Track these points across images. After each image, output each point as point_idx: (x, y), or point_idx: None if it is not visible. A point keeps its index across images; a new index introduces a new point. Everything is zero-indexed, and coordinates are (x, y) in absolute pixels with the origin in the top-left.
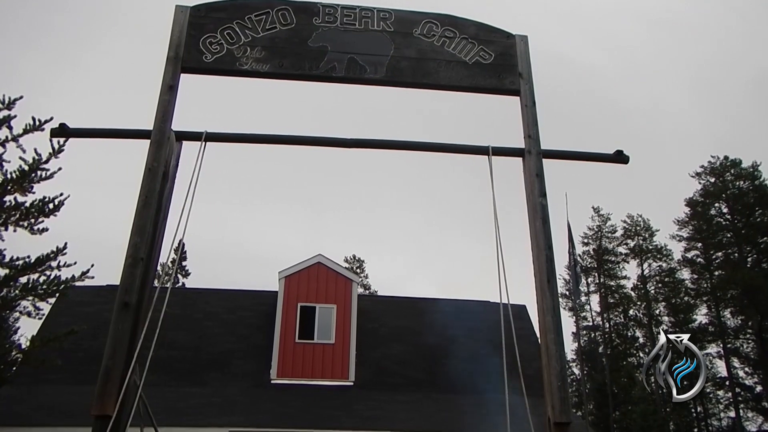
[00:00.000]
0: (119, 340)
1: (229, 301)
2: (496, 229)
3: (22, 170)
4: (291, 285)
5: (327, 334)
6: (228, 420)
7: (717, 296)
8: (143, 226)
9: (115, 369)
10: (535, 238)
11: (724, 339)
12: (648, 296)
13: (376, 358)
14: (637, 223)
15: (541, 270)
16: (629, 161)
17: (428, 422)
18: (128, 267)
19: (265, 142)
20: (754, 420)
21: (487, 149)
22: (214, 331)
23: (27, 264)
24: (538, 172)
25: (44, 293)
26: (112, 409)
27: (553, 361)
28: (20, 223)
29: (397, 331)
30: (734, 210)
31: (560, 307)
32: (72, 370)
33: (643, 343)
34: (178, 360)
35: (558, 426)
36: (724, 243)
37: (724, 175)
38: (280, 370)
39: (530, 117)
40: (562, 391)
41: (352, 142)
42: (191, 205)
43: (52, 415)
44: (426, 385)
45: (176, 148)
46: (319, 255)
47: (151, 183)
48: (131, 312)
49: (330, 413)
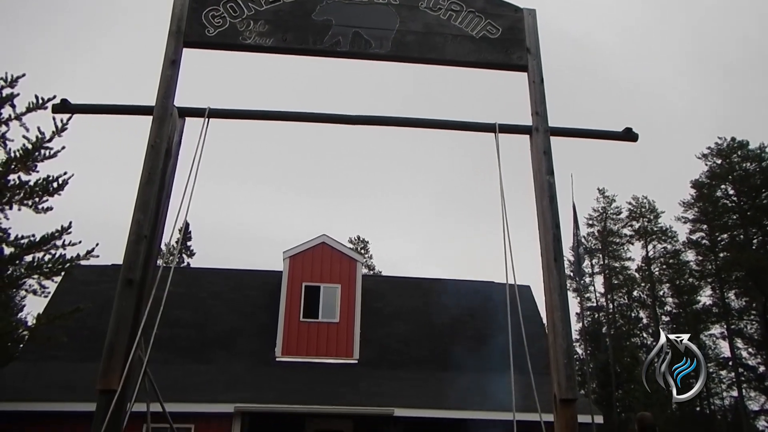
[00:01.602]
0: (123, 316)
1: (233, 281)
2: (502, 207)
3: (25, 149)
4: (295, 265)
5: (331, 313)
6: (233, 396)
7: (722, 278)
8: (146, 203)
9: (119, 345)
10: (542, 217)
11: (728, 320)
12: (652, 277)
13: (381, 336)
14: (643, 205)
15: (548, 249)
16: (638, 139)
17: (432, 400)
18: (131, 244)
19: (269, 118)
20: (756, 399)
21: (493, 126)
22: (219, 309)
23: (32, 243)
24: (546, 149)
25: (49, 272)
26: (117, 384)
27: (559, 338)
28: (25, 202)
29: (401, 310)
30: (740, 192)
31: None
32: (77, 347)
33: (647, 324)
34: (183, 338)
35: (564, 402)
36: (729, 225)
37: (730, 157)
38: (285, 348)
39: (538, 94)
40: (569, 369)
41: (356, 118)
42: (195, 183)
43: (58, 391)
44: (430, 364)
45: (179, 125)
46: (323, 235)
47: (153, 160)
48: (135, 289)
49: (334, 390)
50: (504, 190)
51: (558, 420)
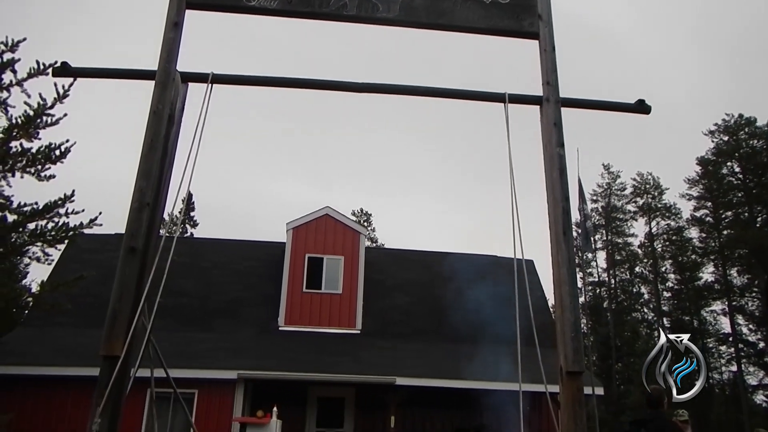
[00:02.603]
0: (126, 284)
1: (236, 252)
2: (511, 180)
3: (27, 115)
4: (299, 236)
5: (334, 285)
6: (236, 363)
7: (724, 255)
8: (149, 171)
9: (122, 312)
10: (552, 190)
11: (730, 297)
12: (654, 254)
13: (383, 308)
14: (647, 181)
15: (556, 222)
16: (651, 111)
17: (433, 369)
18: (134, 212)
19: (273, 84)
20: (755, 374)
21: (503, 96)
22: (222, 279)
23: (35, 210)
24: (556, 120)
25: (53, 239)
26: (120, 350)
27: (567, 312)
28: (27, 169)
29: (404, 282)
30: (746, 169)
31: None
32: (82, 314)
33: (648, 299)
34: (186, 306)
35: (570, 375)
36: (734, 203)
37: (737, 134)
38: (288, 318)
39: (549, 63)
40: (576, 342)
41: (362, 86)
42: (198, 150)
43: (63, 356)
44: (432, 335)
45: (182, 90)
46: (326, 207)
47: (156, 126)
48: (138, 257)
49: (336, 359)
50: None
51: (564, 392)
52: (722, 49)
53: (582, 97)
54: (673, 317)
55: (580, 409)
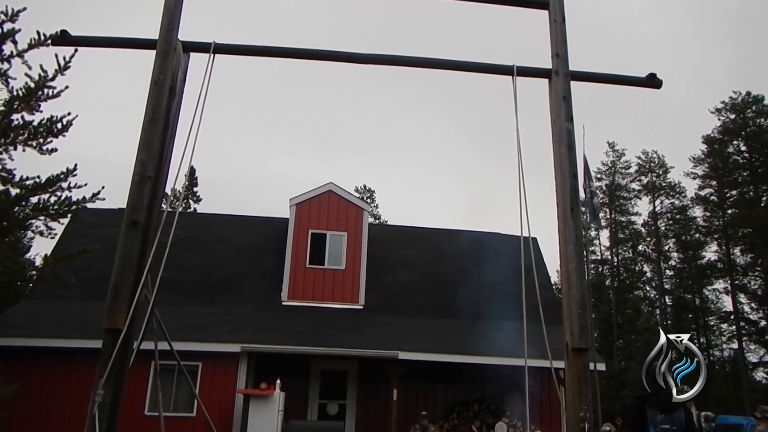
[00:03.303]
0: (128, 257)
1: (240, 227)
2: (518, 155)
3: (28, 87)
4: (302, 212)
5: (337, 261)
6: (240, 336)
7: (728, 234)
8: (150, 143)
9: (124, 285)
10: (560, 166)
11: (732, 275)
12: (658, 233)
13: (386, 284)
14: (652, 160)
15: (564, 199)
16: (662, 86)
17: (436, 344)
18: (135, 185)
19: (276, 55)
20: (756, 352)
21: (511, 69)
22: (226, 254)
23: (37, 184)
24: (566, 94)
25: (55, 213)
26: (122, 323)
27: (573, 289)
28: (29, 142)
29: (407, 259)
30: (752, 148)
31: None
32: (86, 287)
33: (650, 278)
34: (190, 281)
35: (576, 351)
36: (739, 182)
37: (744, 112)
38: (291, 293)
39: (559, 34)
40: (582, 319)
41: (367, 57)
42: (200, 122)
43: (68, 328)
44: (435, 311)
45: (183, 61)
46: (330, 183)
47: (157, 97)
48: (139, 230)
49: (339, 333)
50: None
51: (570, 368)
52: (731, 25)
53: (591, 71)
54: (674, 295)
55: (585, 386)
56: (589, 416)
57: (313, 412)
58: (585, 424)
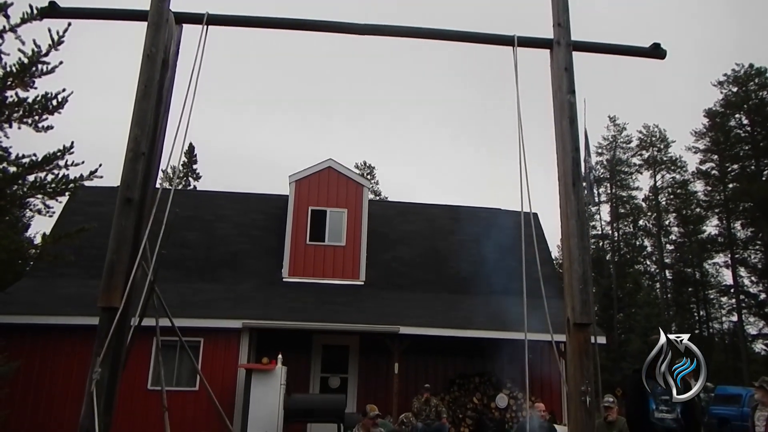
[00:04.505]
0: (123, 235)
1: (240, 204)
2: (519, 127)
3: (21, 63)
4: (302, 189)
5: (338, 237)
6: (241, 313)
7: (729, 208)
8: (143, 118)
9: (120, 263)
10: (561, 140)
11: (733, 249)
12: (659, 207)
13: (387, 260)
14: (653, 134)
15: (566, 173)
16: (666, 56)
17: (436, 319)
18: (129, 162)
19: (271, 26)
20: (755, 324)
21: (512, 39)
22: (226, 232)
23: (34, 162)
24: (567, 65)
25: (53, 192)
26: (119, 302)
27: (575, 264)
28: (24, 120)
29: (407, 235)
30: (754, 122)
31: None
32: (86, 265)
33: (651, 252)
34: (191, 258)
35: (577, 326)
36: (741, 155)
37: (747, 85)
38: (292, 270)
39: (560, 2)
40: (584, 294)
41: (364, 28)
42: (194, 96)
43: (69, 305)
44: (436, 286)
45: (176, 33)
46: (329, 160)
47: (150, 71)
48: (134, 208)
49: (340, 309)
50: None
51: (571, 343)
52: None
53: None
54: (675, 269)
55: (587, 360)
56: (590, 390)
57: (315, 385)
58: (586, 398)
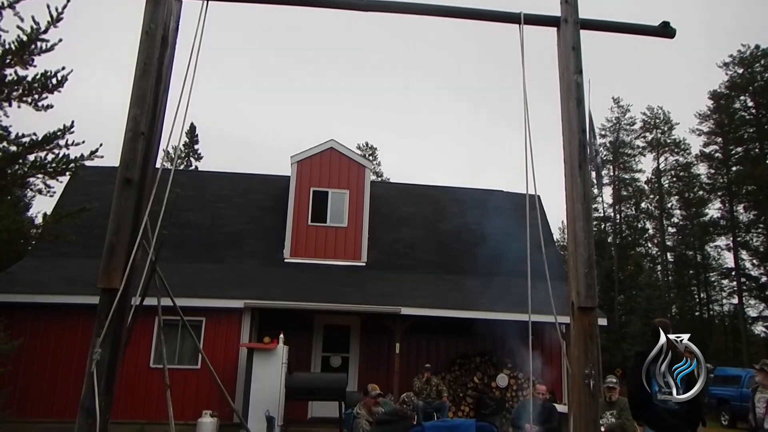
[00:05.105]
0: (122, 216)
1: (241, 185)
2: (524, 107)
3: (20, 41)
4: (303, 170)
5: (339, 218)
6: (243, 293)
7: (732, 191)
8: (142, 97)
9: (120, 244)
10: (568, 121)
11: (735, 232)
12: (661, 190)
13: (389, 241)
14: (657, 116)
15: (572, 155)
16: (675, 35)
17: (438, 300)
18: (128, 141)
19: (272, 1)
20: (755, 307)
21: (518, 16)
22: (228, 212)
23: (34, 141)
24: (575, 44)
25: (54, 171)
26: (119, 283)
27: (581, 248)
28: (24, 98)
29: (409, 216)
30: (759, 104)
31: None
32: (88, 245)
33: (653, 234)
34: (192, 239)
35: (582, 310)
36: (745, 138)
37: (753, 66)
38: (293, 250)
39: None
40: (589, 278)
41: (369, 4)
42: (194, 75)
43: (71, 285)
44: (437, 268)
45: (175, 8)
46: (331, 140)
47: (149, 48)
48: (134, 189)
49: (342, 289)
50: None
51: (575, 326)
52: None
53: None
54: (676, 252)
55: (591, 343)
56: (594, 373)
57: (317, 365)
58: (590, 381)
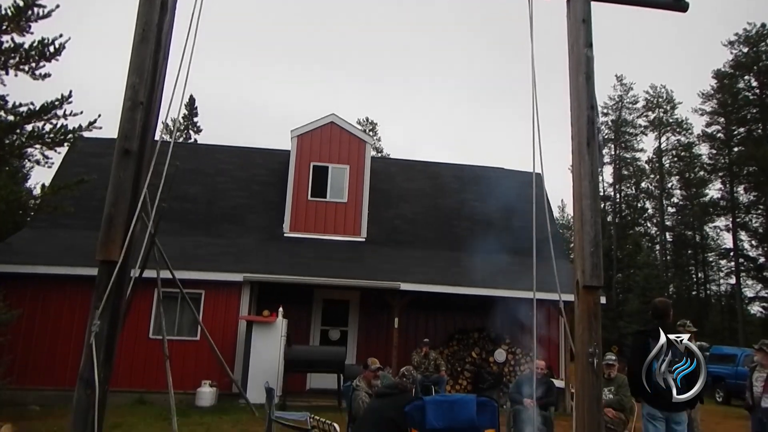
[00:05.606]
0: (121, 188)
1: (241, 158)
2: (533, 83)
3: (17, 6)
4: (303, 144)
5: (340, 194)
6: (242, 267)
7: (733, 172)
8: (141, 65)
9: (118, 216)
10: (576, 97)
11: (734, 213)
12: (662, 169)
13: (389, 217)
14: (660, 95)
15: (580, 132)
16: (688, 9)
17: (437, 275)
18: (127, 111)
19: None
20: (752, 287)
21: None
22: (227, 186)
23: (32, 111)
24: (585, 17)
25: (51, 142)
26: (117, 255)
27: (587, 226)
28: (21, 66)
29: (409, 192)
30: (763, 84)
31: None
32: (87, 217)
33: (652, 214)
34: (192, 212)
35: (587, 289)
36: (748, 119)
37: (758, 45)
38: (293, 225)
39: None
40: (595, 257)
41: None
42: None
43: (69, 255)
44: (437, 244)
45: None
46: (332, 115)
47: (148, 14)
48: (132, 160)
49: (341, 264)
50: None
51: (580, 305)
52: None
53: None
54: (675, 232)
55: (596, 322)
56: (598, 352)
57: (316, 338)
58: (594, 360)
